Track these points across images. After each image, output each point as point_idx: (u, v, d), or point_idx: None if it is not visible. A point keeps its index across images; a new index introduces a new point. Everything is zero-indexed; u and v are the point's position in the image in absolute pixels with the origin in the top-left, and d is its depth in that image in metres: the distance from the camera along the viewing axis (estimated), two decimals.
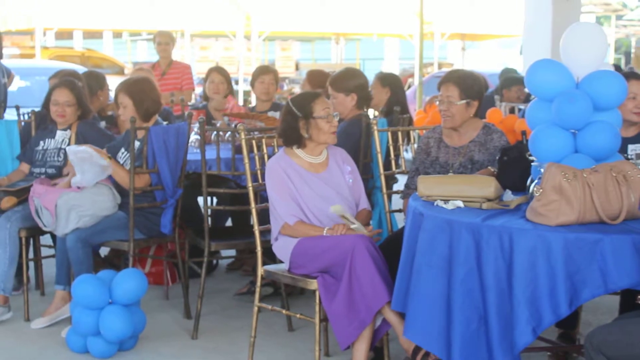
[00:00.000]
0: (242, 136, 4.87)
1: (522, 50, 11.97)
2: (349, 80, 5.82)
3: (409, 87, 18.49)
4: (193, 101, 9.64)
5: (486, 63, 30.22)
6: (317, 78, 7.25)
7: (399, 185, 5.99)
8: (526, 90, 8.91)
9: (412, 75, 19.72)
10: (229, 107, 7.36)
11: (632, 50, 28.06)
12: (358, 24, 24.52)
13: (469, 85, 4.91)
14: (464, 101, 4.87)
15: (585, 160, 3.88)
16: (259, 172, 5.03)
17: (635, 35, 33.66)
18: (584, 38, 4.05)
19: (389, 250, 4.62)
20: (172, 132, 5.53)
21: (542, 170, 3.79)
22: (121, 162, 5.55)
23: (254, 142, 5.05)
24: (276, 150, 5.12)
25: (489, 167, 4.66)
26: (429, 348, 3.91)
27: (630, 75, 4.74)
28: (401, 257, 4.12)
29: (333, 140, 4.75)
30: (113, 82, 7.91)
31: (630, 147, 4.77)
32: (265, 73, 7.37)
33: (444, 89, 4.92)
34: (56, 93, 5.93)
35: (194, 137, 6.13)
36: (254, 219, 4.83)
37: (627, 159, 4.42)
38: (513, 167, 4.41)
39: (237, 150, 5.39)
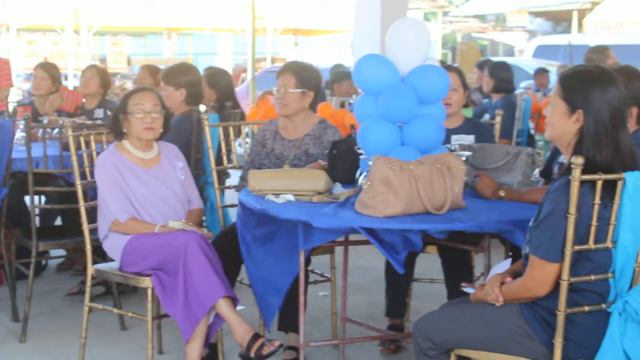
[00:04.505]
0: (70, 133, 4.76)
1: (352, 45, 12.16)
2: (181, 75, 5.82)
3: (242, 81, 18.46)
4: (20, 97, 9.30)
5: (319, 58, 30.50)
6: (157, 72, 7.14)
7: (232, 181, 5.99)
8: None
9: (245, 70, 19.67)
10: (64, 100, 7.05)
11: (457, 46, 28.94)
12: (190, 19, 24.37)
13: (306, 77, 4.97)
14: (299, 90, 4.92)
15: (411, 153, 3.97)
16: (87, 169, 4.92)
17: (460, 31, 34.75)
18: (408, 34, 4.15)
19: (222, 245, 4.62)
20: None
21: (370, 163, 3.86)
22: None
23: (82, 138, 4.95)
24: (105, 147, 5.02)
25: (320, 161, 4.71)
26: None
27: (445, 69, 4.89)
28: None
29: (146, 136, 4.69)
30: None
31: (454, 137, 4.92)
32: (88, 68, 7.25)
33: (281, 77, 4.97)
34: None
35: (19, 134, 5.94)
36: (83, 217, 4.73)
37: (451, 150, 4.56)
38: (342, 160, 4.48)
39: (65, 147, 5.26)
